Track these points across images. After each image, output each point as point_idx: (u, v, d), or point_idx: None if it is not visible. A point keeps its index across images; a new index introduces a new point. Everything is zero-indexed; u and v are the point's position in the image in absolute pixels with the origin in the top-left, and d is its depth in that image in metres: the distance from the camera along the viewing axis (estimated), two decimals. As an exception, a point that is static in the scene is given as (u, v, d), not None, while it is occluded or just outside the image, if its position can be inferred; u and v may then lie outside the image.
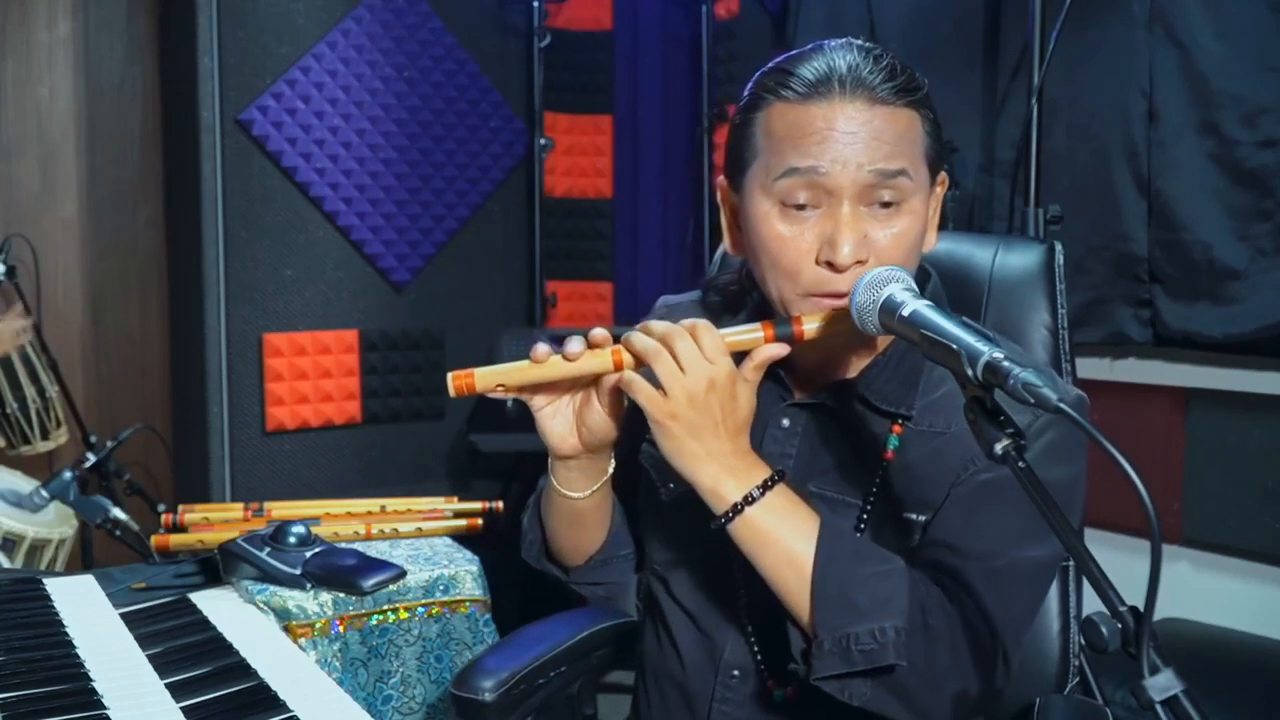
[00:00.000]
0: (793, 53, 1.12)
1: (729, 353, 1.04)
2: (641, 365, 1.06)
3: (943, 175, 1.13)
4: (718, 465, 1.04)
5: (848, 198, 1.04)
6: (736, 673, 1.18)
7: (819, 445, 1.16)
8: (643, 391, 1.03)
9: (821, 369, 1.17)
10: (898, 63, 1.07)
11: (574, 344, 1.07)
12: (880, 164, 1.04)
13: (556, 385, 1.12)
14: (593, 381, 1.11)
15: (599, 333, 1.08)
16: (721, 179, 1.18)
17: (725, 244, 1.19)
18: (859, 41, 1.09)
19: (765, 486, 1.05)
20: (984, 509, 1.06)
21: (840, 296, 1.05)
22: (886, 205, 1.06)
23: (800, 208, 1.06)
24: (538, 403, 1.13)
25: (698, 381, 1.02)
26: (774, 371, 1.14)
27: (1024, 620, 1.09)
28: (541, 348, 1.08)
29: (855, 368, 1.15)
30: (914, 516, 1.10)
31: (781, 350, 1.06)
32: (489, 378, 1.08)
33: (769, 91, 1.08)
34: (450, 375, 1.06)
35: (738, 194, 1.14)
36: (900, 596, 1.02)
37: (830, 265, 1.04)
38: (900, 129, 1.06)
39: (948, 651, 1.02)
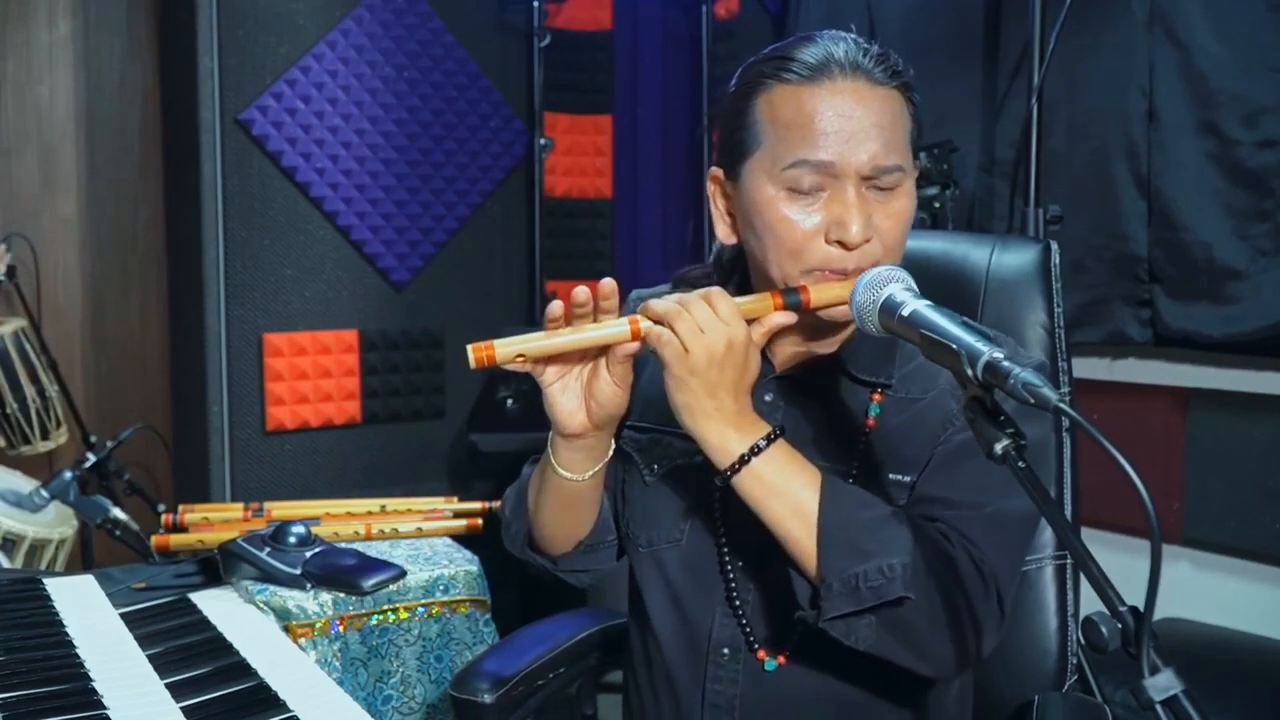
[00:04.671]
0: (785, 42, 1.16)
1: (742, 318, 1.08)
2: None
3: (918, 164, 1.19)
4: (724, 422, 1.08)
5: (852, 183, 1.09)
6: (726, 650, 1.20)
7: (801, 417, 1.19)
8: (669, 345, 1.06)
9: (802, 344, 1.21)
10: (885, 49, 1.14)
11: (580, 292, 1.08)
12: (880, 160, 1.09)
13: (570, 356, 1.13)
14: (603, 352, 1.12)
15: (608, 282, 1.09)
16: (716, 169, 1.20)
17: (719, 233, 1.21)
18: (844, 33, 1.15)
19: (769, 439, 1.08)
20: (968, 463, 1.10)
21: (845, 274, 1.10)
22: (883, 189, 1.11)
23: (805, 191, 1.10)
24: (548, 377, 1.13)
25: (717, 341, 1.05)
26: None
27: (1014, 564, 1.13)
28: (556, 306, 1.09)
29: (835, 342, 1.20)
30: (899, 477, 1.14)
31: (790, 318, 1.10)
32: (509, 348, 1.08)
33: (768, 76, 1.13)
34: (470, 347, 1.07)
35: (734, 181, 1.17)
36: (904, 537, 1.06)
37: (841, 244, 1.09)
38: (895, 112, 1.12)
39: (947, 591, 1.06)
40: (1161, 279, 2.23)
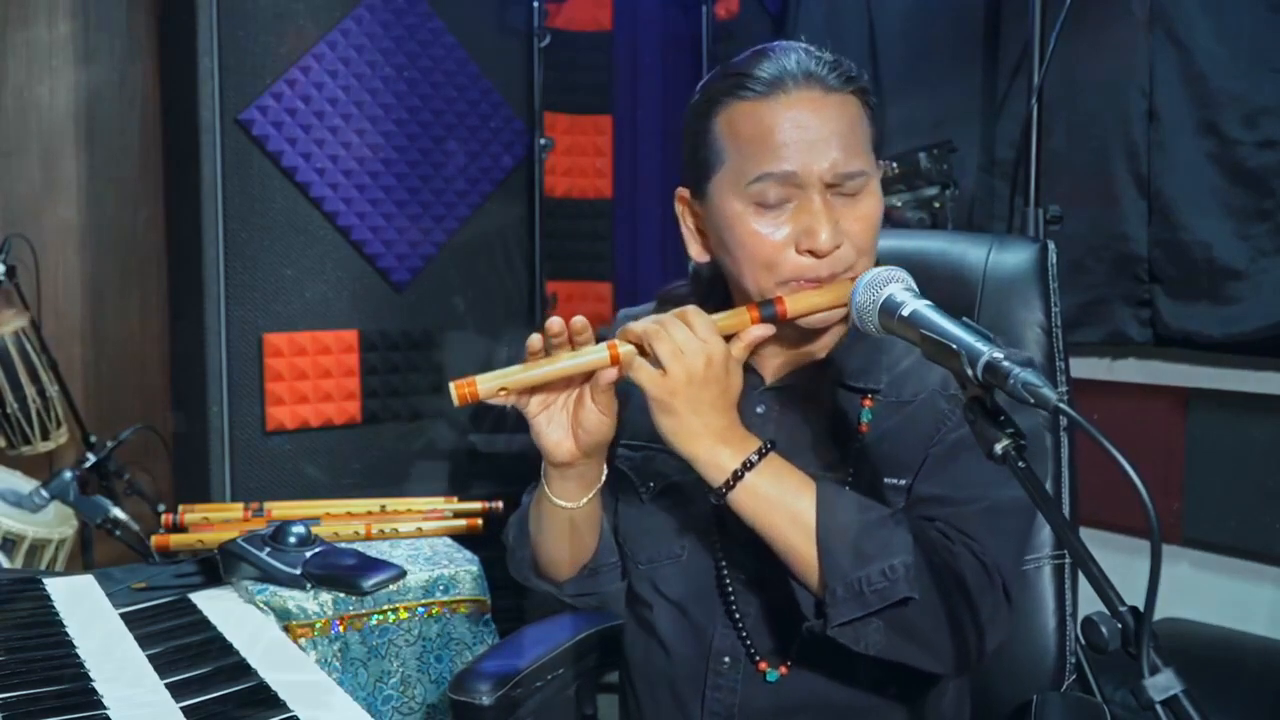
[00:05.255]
0: (738, 58, 1.17)
1: (720, 334, 1.09)
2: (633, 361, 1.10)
3: (882, 164, 1.20)
4: (714, 438, 1.08)
5: (816, 191, 1.10)
6: (727, 659, 1.20)
7: (794, 426, 1.20)
8: (644, 370, 1.07)
9: (787, 354, 1.22)
10: (837, 55, 1.15)
11: (554, 323, 1.10)
12: (841, 167, 1.10)
13: (553, 386, 1.13)
14: (586, 380, 1.12)
15: (579, 320, 1.10)
16: (682, 190, 1.22)
17: (691, 252, 1.23)
18: (795, 43, 1.16)
19: (760, 453, 1.09)
20: (962, 460, 1.12)
21: (819, 281, 1.12)
22: (848, 194, 1.13)
23: (771, 205, 1.11)
24: (533, 409, 1.14)
25: (696, 359, 1.06)
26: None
27: (1017, 553, 1.15)
28: (535, 339, 1.10)
29: (820, 348, 1.21)
30: (895, 481, 1.15)
31: (768, 330, 1.12)
32: (491, 383, 1.09)
33: (725, 94, 1.14)
34: (453, 385, 1.08)
35: (700, 199, 1.18)
36: (904, 538, 1.06)
37: (811, 253, 1.11)
38: (851, 117, 1.13)
39: (952, 587, 1.06)
40: (1161, 279, 2.23)
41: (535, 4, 3.07)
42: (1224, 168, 2.11)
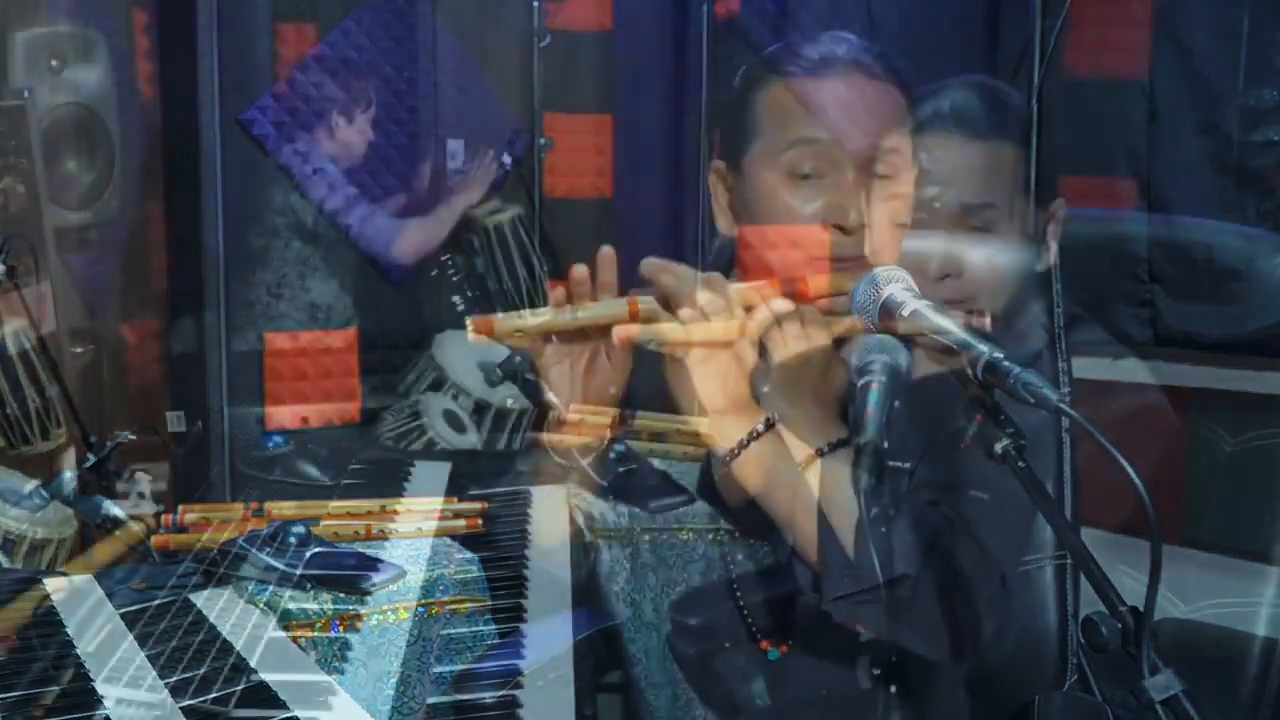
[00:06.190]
0: (789, 40, 1.21)
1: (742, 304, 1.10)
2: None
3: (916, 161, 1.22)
4: (724, 404, 1.10)
5: (850, 168, 1.13)
6: (728, 644, 1.21)
7: (800, 407, 1.18)
8: (663, 329, 1.08)
9: (801, 334, 1.20)
10: (885, 48, 1.18)
11: (579, 269, 1.11)
12: (878, 144, 1.13)
13: (570, 338, 1.14)
14: (602, 334, 1.12)
15: (606, 252, 1.13)
16: (717, 162, 1.23)
17: (720, 226, 1.23)
18: (846, 33, 1.19)
19: (767, 424, 1.10)
20: (965, 449, 1.09)
21: (844, 260, 1.13)
22: (882, 176, 1.15)
23: (805, 177, 1.13)
24: (547, 358, 1.14)
25: (718, 328, 1.07)
26: None
27: (1018, 545, 1.16)
28: (560, 291, 1.12)
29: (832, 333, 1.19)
30: (898, 464, 1.16)
31: (789, 306, 1.12)
32: (509, 323, 1.09)
33: (772, 71, 1.17)
34: (470, 320, 1.08)
35: (736, 173, 1.20)
36: (903, 518, 1.07)
37: (840, 228, 1.13)
38: (891, 104, 1.16)
39: (950, 574, 1.07)
40: (1161, 279, 2.23)
41: (535, 4, 3.07)
42: (1224, 168, 2.11)
